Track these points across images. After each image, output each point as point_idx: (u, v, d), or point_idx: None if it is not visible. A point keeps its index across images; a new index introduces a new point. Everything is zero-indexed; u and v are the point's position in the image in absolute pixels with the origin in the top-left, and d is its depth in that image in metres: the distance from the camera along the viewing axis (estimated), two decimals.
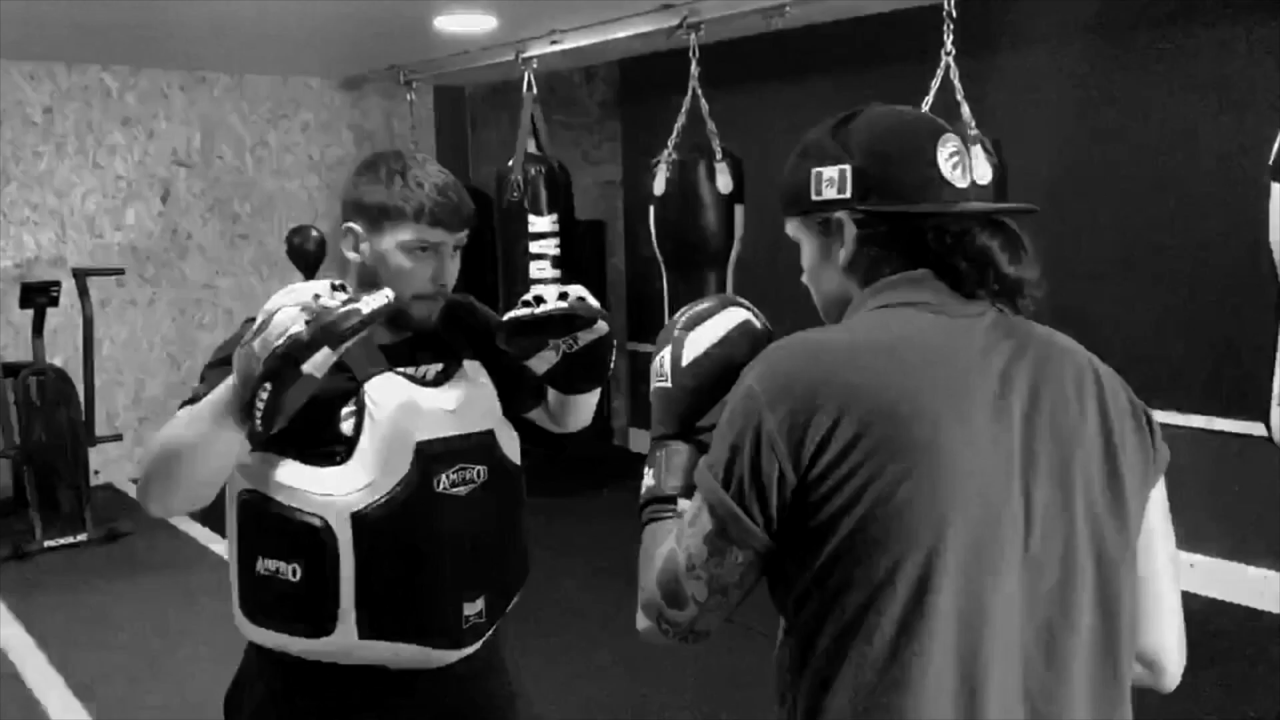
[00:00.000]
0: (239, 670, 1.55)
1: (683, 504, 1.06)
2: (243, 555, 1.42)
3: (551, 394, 1.63)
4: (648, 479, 1.11)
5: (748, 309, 1.16)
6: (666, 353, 1.13)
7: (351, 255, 1.45)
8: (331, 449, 1.37)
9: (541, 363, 1.45)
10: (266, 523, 1.38)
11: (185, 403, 1.33)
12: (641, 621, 1.05)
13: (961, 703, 0.91)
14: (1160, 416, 4.23)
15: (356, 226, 1.44)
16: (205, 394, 1.28)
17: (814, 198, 1.05)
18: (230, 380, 1.21)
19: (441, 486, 1.43)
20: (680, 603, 1.00)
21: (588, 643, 3.47)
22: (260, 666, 1.50)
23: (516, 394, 1.59)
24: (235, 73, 5.94)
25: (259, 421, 1.17)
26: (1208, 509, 3.72)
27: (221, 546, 4.28)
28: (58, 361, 5.09)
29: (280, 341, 1.15)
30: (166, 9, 4.16)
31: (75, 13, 4.16)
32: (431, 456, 1.41)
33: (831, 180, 1.04)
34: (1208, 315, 3.70)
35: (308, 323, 1.16)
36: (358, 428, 1.38)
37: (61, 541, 4.54)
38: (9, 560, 4.39)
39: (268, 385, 1.15)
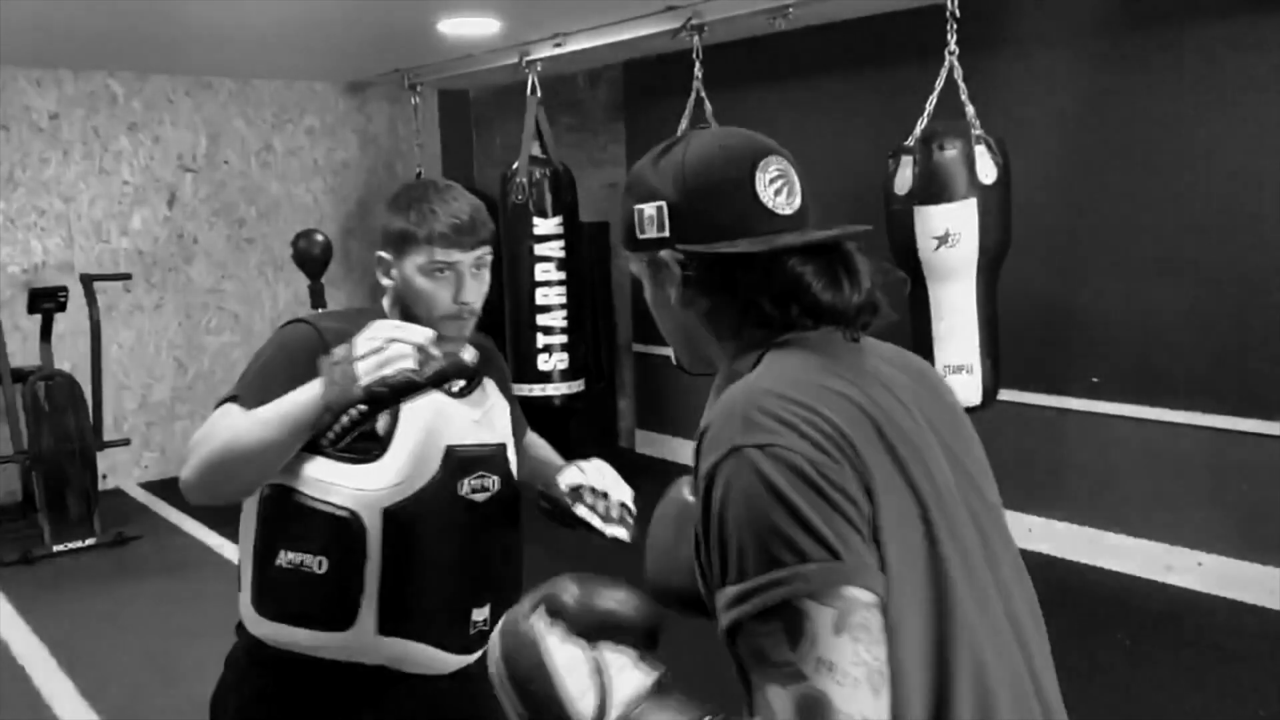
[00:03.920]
0: (223, 675, 1.56)
1: None
2: (262, 549, 1.45)
3: (524, 456, 1.72)
4: None
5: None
6: None
7: (385, 281, 1.53)
8: (362, 446, 1.40)
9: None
10: (294, 516, 1.41)
11: (225, 400, 1.40)
12: None
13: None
14: (1171, 415, 4.18)
15: (386, 255, 1.52)
16: (252, 398, 1.36)
17: (639, 235, 1.02)
18: (312, 393, 1.29)
19: (464, 490, 1.50)
20: None
21: None
22: (250, 666, 1.51)
23: (515, 422, 1.69)
24: (240, 78, 5.96)
25: (336, 435, 1.25)
26: (1218, 507, 3.71)
27: (229, 550, 4.32)
28: (65, 366, 5.10)
29: (393, 373, 1.24)
30: (172, 15, 4.17)
31: (81, 19, 4.18)
32: (458, 460, 1.49)
33: (652, 218, 1.00)
34: (1217, 314, 3.68)
35: (420, 364, 1.25)
36: (390, 428, 1.43)
37: (70, 545, 4.56)
38: (18, 564, 4.41)
39: (363, 407, 1.23)
